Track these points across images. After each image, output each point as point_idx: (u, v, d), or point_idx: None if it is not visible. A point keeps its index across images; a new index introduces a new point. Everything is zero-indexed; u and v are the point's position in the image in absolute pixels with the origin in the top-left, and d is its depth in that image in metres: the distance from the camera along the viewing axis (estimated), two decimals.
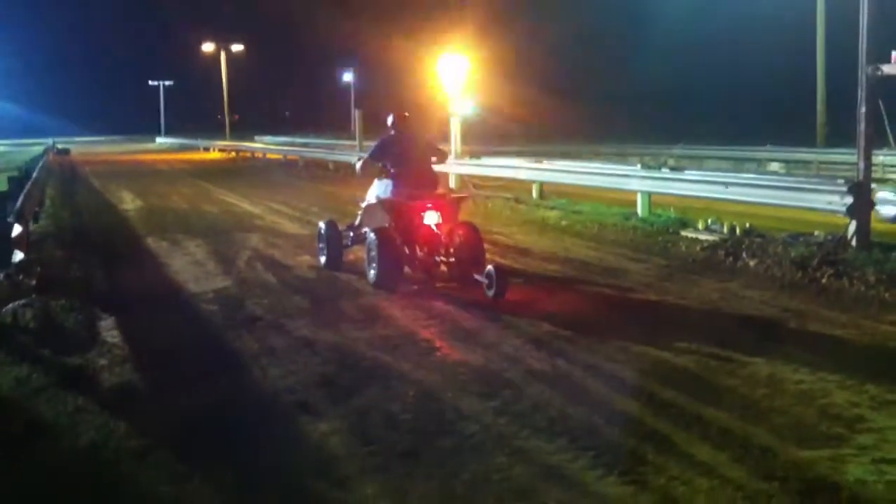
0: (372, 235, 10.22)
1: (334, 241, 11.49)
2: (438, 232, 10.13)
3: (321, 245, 11.68)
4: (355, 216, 11.86)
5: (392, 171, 10.80)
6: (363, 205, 11.58)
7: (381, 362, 7.29)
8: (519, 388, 6.49)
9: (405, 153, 10.81)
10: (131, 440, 5.61)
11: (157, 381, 7.01)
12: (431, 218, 10.12)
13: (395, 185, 10.67)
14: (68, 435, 5.76)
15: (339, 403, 6.29)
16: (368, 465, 5.22)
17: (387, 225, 10.39)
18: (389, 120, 11.14)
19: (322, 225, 11.81)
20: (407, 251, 10.21)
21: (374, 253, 10.11)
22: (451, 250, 10.04)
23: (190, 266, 12.30)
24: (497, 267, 9.49)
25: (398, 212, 10.35)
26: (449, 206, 10.45)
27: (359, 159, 12.79)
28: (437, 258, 10.10)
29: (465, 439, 5.54)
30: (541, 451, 5.30)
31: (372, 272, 10.18)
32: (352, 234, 11.59)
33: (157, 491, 4.95)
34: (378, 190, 11.23)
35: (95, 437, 5.67)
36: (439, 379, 6.79)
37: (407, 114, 11.37)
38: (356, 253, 11.63)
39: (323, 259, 11.60)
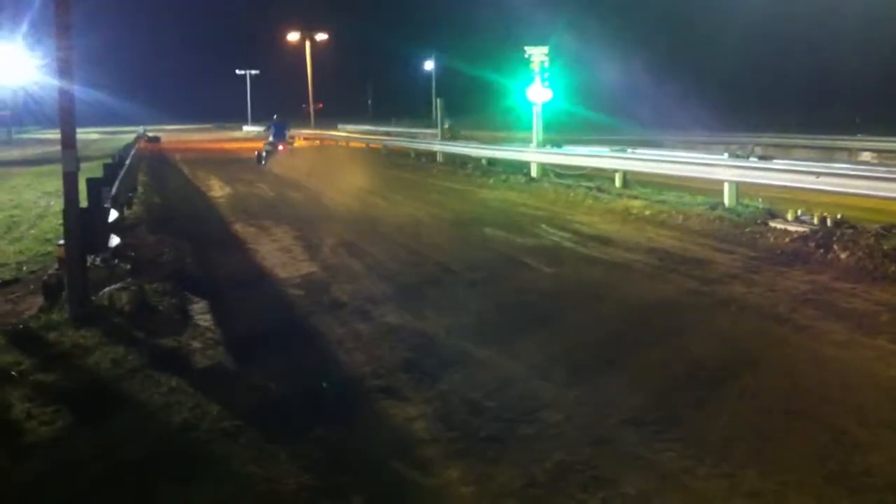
0: (269, 148, 31.45)
1: (263, 156, 31.30)
2: (282, 148, 31.46)
3: (263, 154, 31.35)
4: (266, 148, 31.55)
5: (273, 135, 31.67)
6: (266, 143, 32.07)
7: None
8: None
9: (278, 128, 31.85)
10: (223, 421, 5.76)
11: (247, 364, 7.17)
12: (280, 146, 31.53)
13: (274, 138, 31.61)
14: (162, 415, 5.94)
15: None
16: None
17: (271, 148, 31.52)
18: (275, 116, 32.60)
19: (263, 149, 31.66)
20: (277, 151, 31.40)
21: (270, 153, 31.20)
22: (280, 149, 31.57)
23: (277, 252, 12.57)
24: None
25: (274, 144, 31.44)
26: (285, 145, 32.15)
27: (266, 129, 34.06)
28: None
29: None
30: None
31: (264, 161, 30.76)
32: (265, 152, 31.38)
33: (248, 470, 5.08)
34: (269, 139, 31.85)
35: (189, 417, 5.84)
36: None
37: (276, 116, 32.79)
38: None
39: (262, 163, 30.79)
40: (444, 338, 7.73)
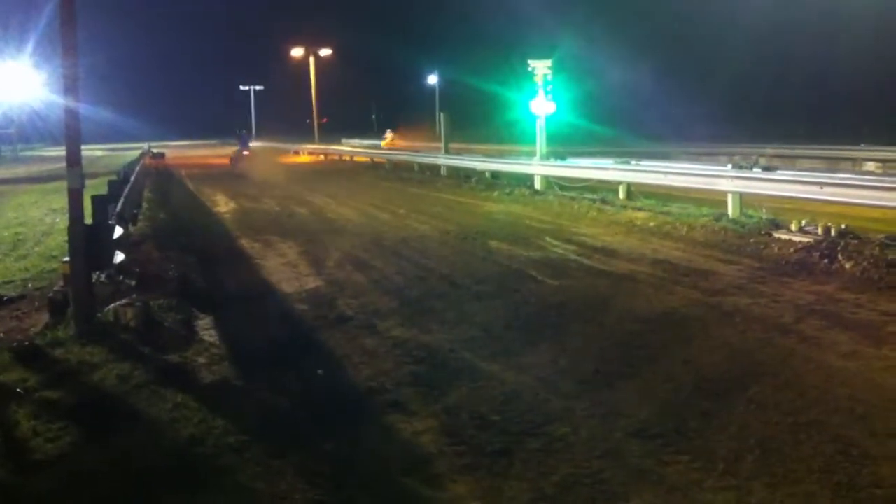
0: (238, 154, 46.51)
1: (234, 160, 45.44)
2: (246, 153, 47.27)
3: (234, 157, 45.64)
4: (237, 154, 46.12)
5: (241, 145, 47.90)
6: (236, 150, 47.55)
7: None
8: None
9: (242, 141, 48.58)
10: (229, 436, 5.77)
11: (253, 379, 7.18)
12: (245, 151, 47.30)
13: (241, 146, 47.40)
14: (169, 430, 5.94)
15: None
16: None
17: (239, 153, 46.78)
18: (243, 131, 52.30)
19: (234, 154, 46.47)
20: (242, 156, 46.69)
21: (237, 161, 44.90)
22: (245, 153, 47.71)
23: (282, 266, 12.59)
24: None
25: (240, 151, 47.14)
26: (249, 151, 48.93)
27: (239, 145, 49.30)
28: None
29: None
30: None
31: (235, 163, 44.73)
32: (236, 157, 45.81)
33: (255, 485, 5.08)
34: (238, 148, 47.68)
35: (195, 433, 5.85)
36: None
37: (244, 131, 53.96)
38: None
39: (234, 165, 44.17)
40: (450, 351, 7.73)
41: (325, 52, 73.44)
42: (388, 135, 59.96)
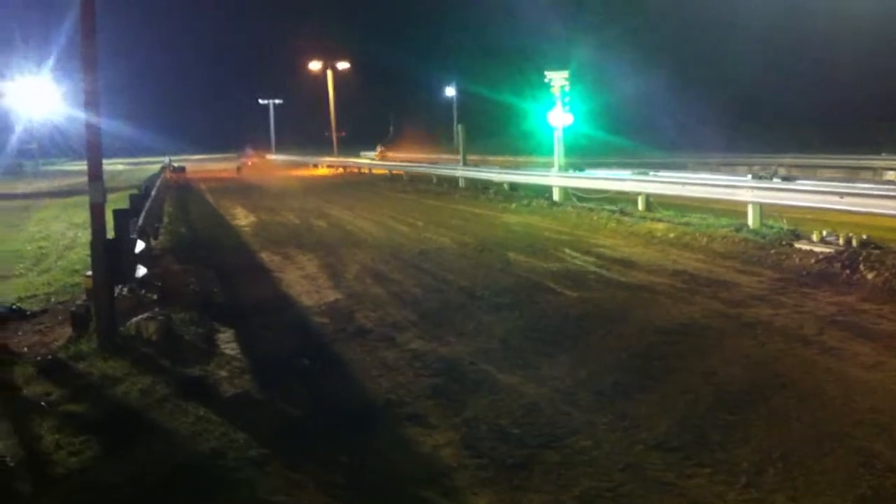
0: (241, 162, 70.49)
1: (241, 166, 66.60)
2: (249, 163, 70.64)
3: (239, 165, 65.86)
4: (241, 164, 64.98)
5: (244, 157, 74.45)
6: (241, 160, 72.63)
7: None
8: None
9: (244, 154, 76.34)
10: (250, 449, 5.79)
11: (273, 392, 7.21)
12: (248, 161, 72.58)
13: (243, 160, 71.68)
14: (190, 443, 5.97)
15: None
16: None
17: (243, 161, 70.80)
18: (247, 145, 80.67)
19: (240, 163, 69.56)
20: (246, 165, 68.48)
21: (243, 164, 67.79)
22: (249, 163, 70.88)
23: (302, 279, 12.64)
24: None
25: (244, 161, 70.88)
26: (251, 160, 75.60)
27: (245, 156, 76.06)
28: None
29: None
30: None
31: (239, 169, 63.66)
32: (240, 164, 67.52)
33: (276, 499, 5.09)
34: (242, 160, 71.59)
35: (216, 446, 5.86)
36: None
37: (248, 145, 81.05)
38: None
39: (239, 171, 61.01)
40: (470, 363, 7.73)
41: (342, 65, 73.84)
42: (379, 148, 65.86)
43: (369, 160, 56.38)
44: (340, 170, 52.89)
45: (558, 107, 23.14)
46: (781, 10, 49.57)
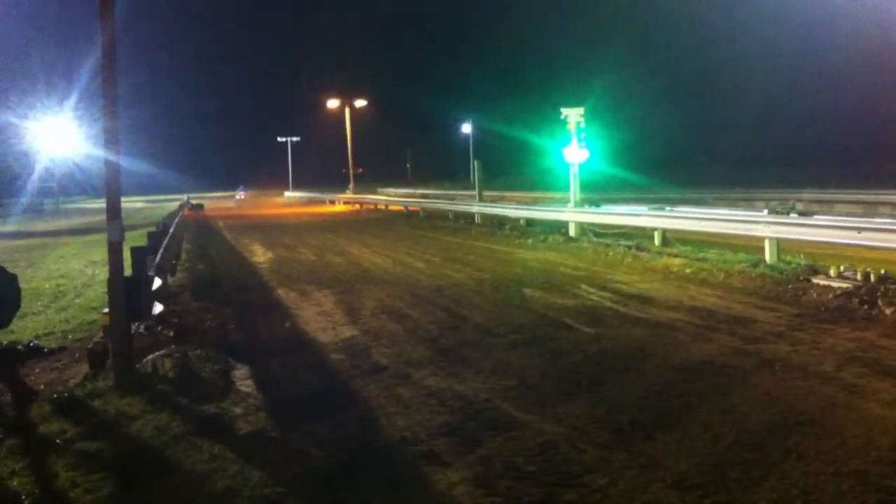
0: (238, 197, 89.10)
1: (238, 199, 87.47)
2: (244, 198, 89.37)
3: (236, 198, 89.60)
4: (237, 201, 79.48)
5: (240, 191, 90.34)
6: (236, 196, 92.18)
7: None
8: None
9: (240, 190, 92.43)
10: (265, 487, 5.78)
11: (289, 430, 7.18)
12: (242, 196, 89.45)
13: (240, 193, 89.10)
14: (205, 482, 5.96)
15: None
16: None
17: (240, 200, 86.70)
18: (240, 185, 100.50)
19: (236, 196, 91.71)
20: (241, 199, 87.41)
21: (241, 199, 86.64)
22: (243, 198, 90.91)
23: (318, 316, 12.65)
24: None
25: (241, 196, 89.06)
26: (245, 195, 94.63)
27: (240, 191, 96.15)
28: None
29: None
30: None
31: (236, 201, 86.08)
32: (237, 198, 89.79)
33: None
34: (238, 195, 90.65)
35: (231, 484, 5.86)
36: None
37: (241, 184, 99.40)
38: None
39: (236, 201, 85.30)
40: (485, 401, 7.69)
41: (360, 102, 74.48)
42: (350, 186, 69.29)
43: (386, 197, 56.72)
44: (357, 206, 53.20)
45: (574, 143, 23.25)
46: (797, 45, 49.78)
